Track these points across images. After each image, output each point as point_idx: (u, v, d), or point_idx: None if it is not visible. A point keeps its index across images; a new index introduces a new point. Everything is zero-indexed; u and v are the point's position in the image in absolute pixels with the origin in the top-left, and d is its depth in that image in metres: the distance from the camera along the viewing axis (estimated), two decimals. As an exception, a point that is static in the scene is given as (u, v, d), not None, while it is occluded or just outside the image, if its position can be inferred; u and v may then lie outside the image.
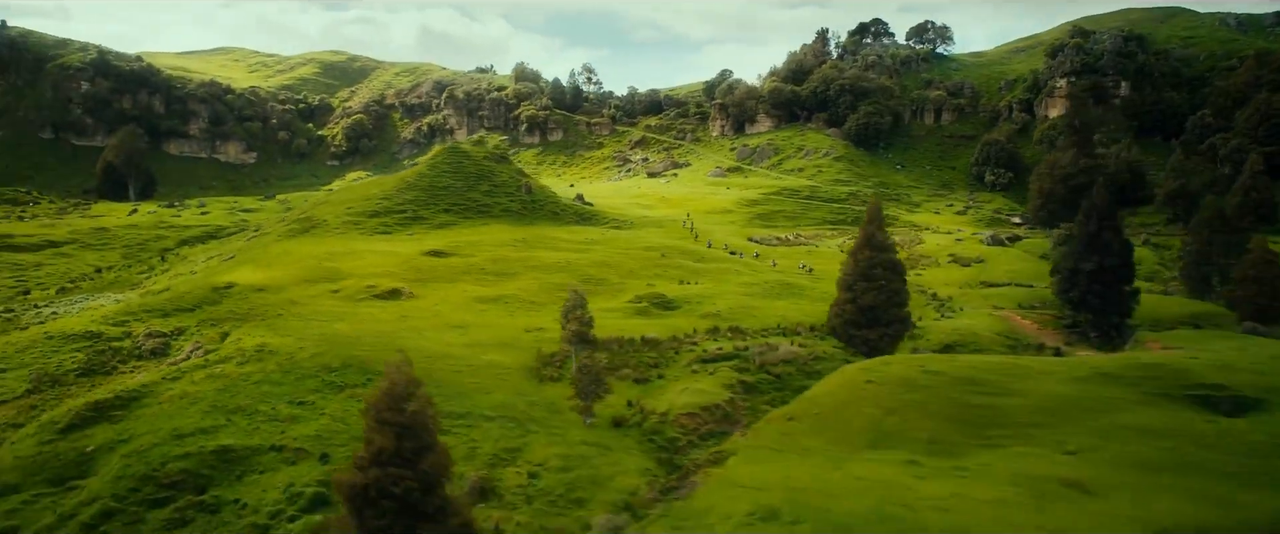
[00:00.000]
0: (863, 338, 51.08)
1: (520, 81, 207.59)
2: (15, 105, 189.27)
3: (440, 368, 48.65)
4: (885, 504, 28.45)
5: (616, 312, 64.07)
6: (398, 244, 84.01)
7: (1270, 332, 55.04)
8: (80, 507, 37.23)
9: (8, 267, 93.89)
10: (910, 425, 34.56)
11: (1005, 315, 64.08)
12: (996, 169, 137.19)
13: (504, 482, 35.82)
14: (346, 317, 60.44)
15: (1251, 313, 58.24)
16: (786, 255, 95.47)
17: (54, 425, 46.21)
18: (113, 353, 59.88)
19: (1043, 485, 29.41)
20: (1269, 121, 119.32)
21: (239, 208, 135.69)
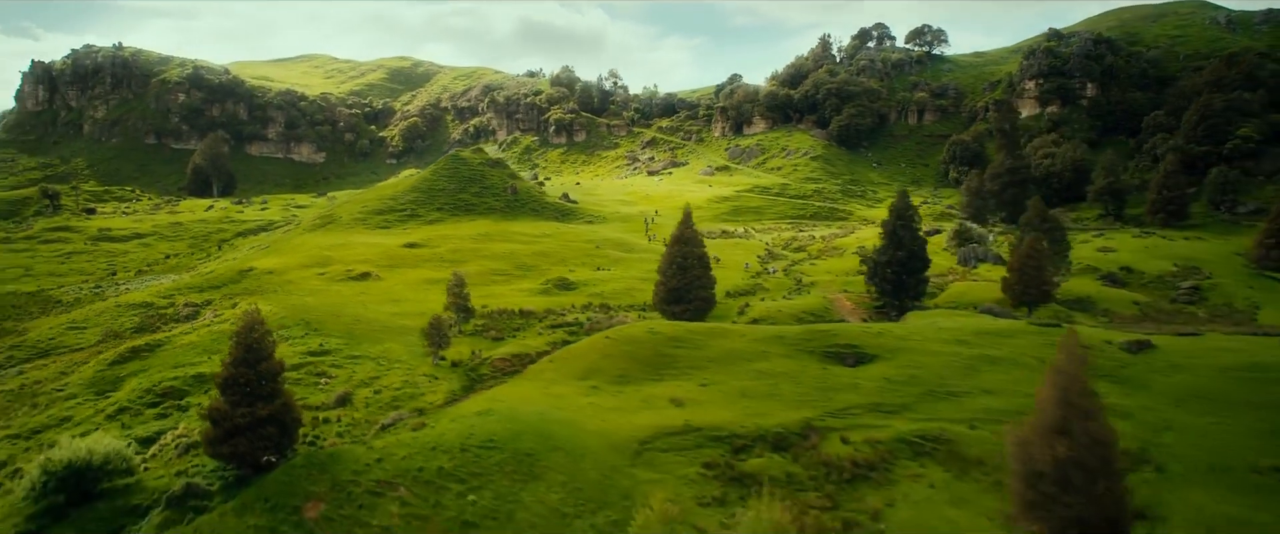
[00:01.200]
0: (671, 311, 67.60)
1: (555, 86, 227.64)
2: (126, 116, 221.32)
3: (360, 327, 68.06)
4: (553, 408, 45.80)
5: (526, 291, 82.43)
6: (387, 237, 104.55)
7: (1012, 313, 68.63)
8: (108, 405, 58.12)
9: (104, 253, 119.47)
10: (611, 366, 51.57)
11: (834, 297, 79.03)
12: (960, 167, 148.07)
13: (358, 396, 54.69)
14: (319, 292, 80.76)
15: (1016, 298, 71.71)
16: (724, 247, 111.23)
17: (106, 361, 67.87)
18: (159, 317, 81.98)
19: (655, 400, 46.22)
20: (1207, 122, 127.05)
21: (293, 204, 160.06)
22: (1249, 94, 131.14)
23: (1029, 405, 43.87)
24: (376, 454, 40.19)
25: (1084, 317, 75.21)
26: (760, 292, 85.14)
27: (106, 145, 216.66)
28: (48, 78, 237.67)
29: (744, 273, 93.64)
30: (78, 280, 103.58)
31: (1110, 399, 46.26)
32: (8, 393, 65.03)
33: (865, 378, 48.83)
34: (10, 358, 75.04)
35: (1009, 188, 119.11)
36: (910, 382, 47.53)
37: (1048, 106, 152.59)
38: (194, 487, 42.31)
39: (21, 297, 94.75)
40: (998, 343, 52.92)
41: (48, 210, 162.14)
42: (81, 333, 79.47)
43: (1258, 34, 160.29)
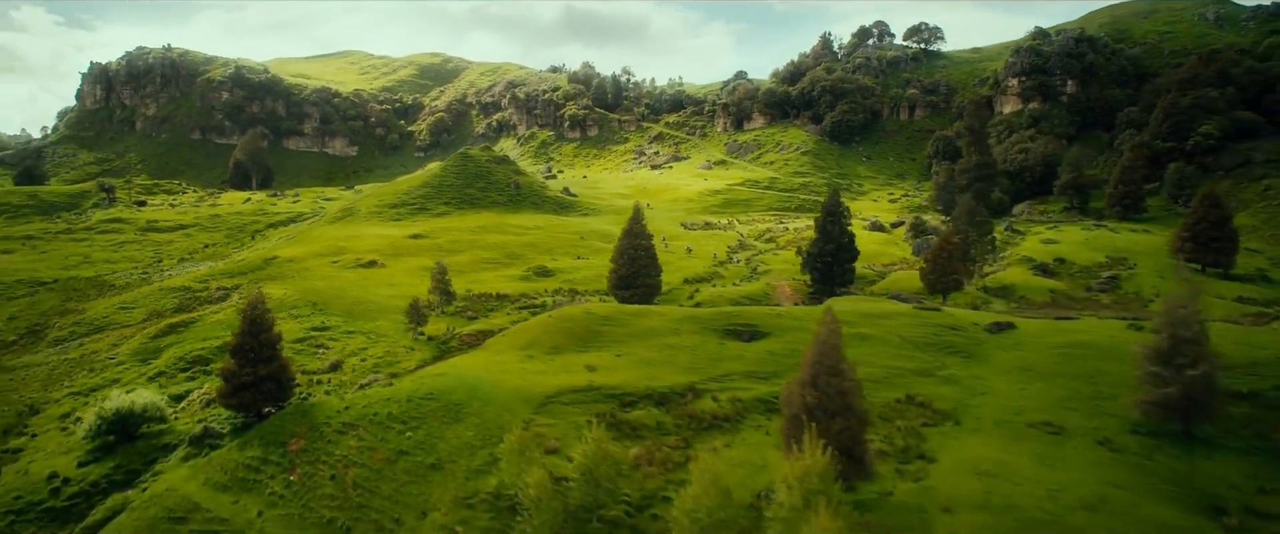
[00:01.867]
0: (622, 295, 78.18)
1: (572, 83, 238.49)
2: (175, 113, 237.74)
3: (359, 307, 79.94)
4: (491, 371, 56.78)
5: (508, 277, 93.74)
6: (396, 228, 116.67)
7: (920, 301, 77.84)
8: (149, 370, 70.65)
9: (151, 243, 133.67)
10: (549, 339, 62.41)
11: (777, 283, 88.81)
12: (941, 161, 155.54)
13: (348, 363, 66.43)
14: (329, 278, 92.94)
15: (930, 286, 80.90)
16: (701, 238, 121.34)
17: (148, 335, 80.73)
18: (195, 298, 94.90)
19: (573, 366, 56.96)
20: (1171, 118, 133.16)
21: (323, 197, 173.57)
22: (1217, 92, 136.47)
23: (874, 373, 53.99)
24: (346, 404, 51.72)
25: (1000, 302, 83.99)
26: (717, 279, 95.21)
27: (156, 141, 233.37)
28: (105, 78, 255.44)
29: (711, 262, 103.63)
30: (128, 267, 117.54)
31: (949, 370, 56.06)
32: (70, 360, 78.26)
33: (752, 351, 59.02)
34: (72, 332, 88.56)
35: (975, 182, 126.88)
36: (788, 354, 57.52)
37: (1030, 103, 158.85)
38: (210, 429, 54.42)
39: (82, 281, 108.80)
40: (874, 323, 62.58)
41: (104, 203, 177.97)
42: (130, 312, 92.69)
43: (1244, 30, 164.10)
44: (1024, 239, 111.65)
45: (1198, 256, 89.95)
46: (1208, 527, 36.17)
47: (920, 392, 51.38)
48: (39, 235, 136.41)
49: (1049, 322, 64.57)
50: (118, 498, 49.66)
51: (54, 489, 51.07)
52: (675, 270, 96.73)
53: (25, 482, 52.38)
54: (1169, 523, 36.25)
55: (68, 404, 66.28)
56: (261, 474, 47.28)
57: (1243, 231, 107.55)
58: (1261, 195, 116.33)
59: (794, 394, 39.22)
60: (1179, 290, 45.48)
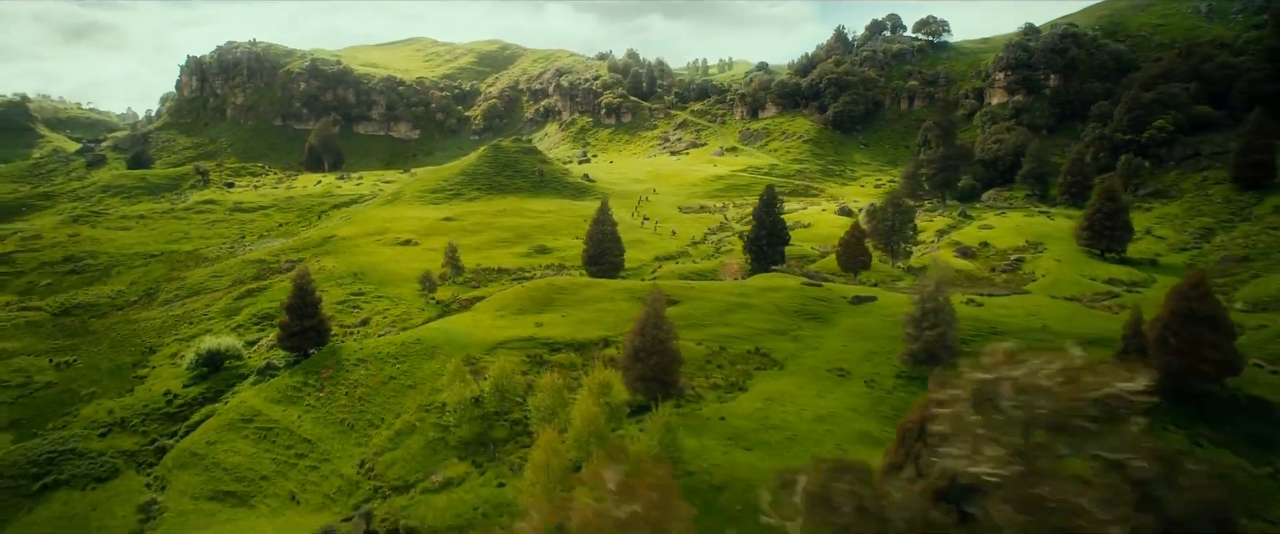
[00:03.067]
0: (591, 270, 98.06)
1: (611, 71, 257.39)
2: (258, 102, 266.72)
3: (390, 278, 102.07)
4: (467, 326, 77.80)
5: (514, 254, 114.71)
6: (433, 211, 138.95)
7: (830, 277, 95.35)
8: (232, 323, 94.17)
9: (237, 221, 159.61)
10: (517, 303, 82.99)
11: (727, 262, 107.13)
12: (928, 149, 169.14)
13: (373, 320, 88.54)
14: (372, 253, 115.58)
15: (843, 266, 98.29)
16: (691, 220, 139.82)
17: (232, 297, 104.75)
18: (268, 269, 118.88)
19: (525, 323, 77.43)
20: (1133, 113, 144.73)
21: (382, 180, 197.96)
22: (1181, 86, 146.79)
23: (739, 332, 72.80)
24: (361, 347, 73.58)
25: (909, 279, 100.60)
26: (683, 257, 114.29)
27: (243, 127, 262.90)
28: (199, 69, 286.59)
29: (686, 242, 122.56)
30: (219, 242, 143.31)
31: (800, 331, 74.34)
32: (175, 315, 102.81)
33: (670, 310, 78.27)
34: (176, 295, 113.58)
35: (941, 171, 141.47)
36: (685, 316, 76.63)
37: (1015, 95, 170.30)
38: (271, 364, 77.10)
39: (183, 254, 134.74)
40: (763, 295, 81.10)
41: (199, 184, 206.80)
42: (219, 280, 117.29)
43: (1232, 23, 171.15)
44: (971, 223, 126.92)
45: (1093, 242, 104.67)
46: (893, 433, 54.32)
47: (767, 346, 70.10)
48: (149, 215, 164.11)
49: (899, 295, 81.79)
50: (208, 408, 72.75)
51: (169, 400, 74.58)
52: (651, 249, 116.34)
53: (150, 396, 76.14)
54: (870, 432, 54.59)
55: (175, 346, 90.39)
56: (302, 392, 69.47)
57: (1166, 220, 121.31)
58: (1198, 186, 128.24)
59: (629, 339, 58.77)
60: (931, 274, 62.97)
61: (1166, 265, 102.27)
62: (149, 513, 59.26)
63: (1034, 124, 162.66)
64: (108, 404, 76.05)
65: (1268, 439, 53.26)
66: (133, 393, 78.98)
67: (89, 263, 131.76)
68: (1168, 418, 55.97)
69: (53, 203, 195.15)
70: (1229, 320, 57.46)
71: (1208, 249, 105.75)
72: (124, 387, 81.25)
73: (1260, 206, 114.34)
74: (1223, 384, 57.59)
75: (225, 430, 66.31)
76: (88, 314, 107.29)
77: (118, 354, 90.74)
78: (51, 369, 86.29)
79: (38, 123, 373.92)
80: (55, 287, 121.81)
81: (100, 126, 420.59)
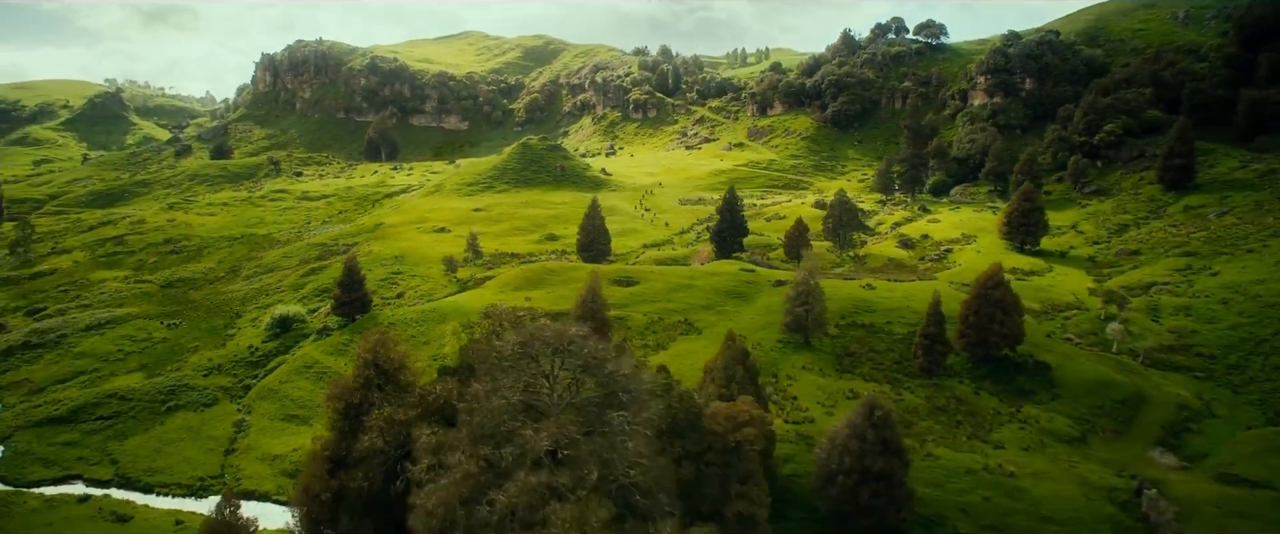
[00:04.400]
0: (583, 256, 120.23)
1: (640, 69, 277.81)
2: (323, 97, 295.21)
3: (423, 260, 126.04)
4: (474, 299, 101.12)
5: (528, 240, 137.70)
6: (466, 202, 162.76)
7: (775, 264, 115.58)
8: (298, 294, 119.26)
9: (304, 209, 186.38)
10: (515, 281, 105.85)
11: (699, 250, 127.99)
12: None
13: (407, 294, 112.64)
14: (411, 239, 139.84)
15: (788, 253, 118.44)
16: (686, 212, 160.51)
17: (299, 275, 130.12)
18: (329, 251, 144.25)
19: (518, 297, 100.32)
20: (1089, 116, 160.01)
21: (429, 170, 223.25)
22: (1139, 91, 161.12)
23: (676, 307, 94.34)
24: (394, 314, 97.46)
25: (848, 266, 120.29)
26: (667, 245, 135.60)
27: (311, 119, 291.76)
28: (272, 66, 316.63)
29: (673, 231, 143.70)
30: (289, 226, 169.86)
31: (725, 307, 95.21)
32: (254, 288, 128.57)
33: (621, 291, 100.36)
34: (255, 272, 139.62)
35: (910, 169, 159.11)
36: (638, 293, 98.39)
37: (994, 97, 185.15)
38: (327, 326, 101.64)
39: (259, 237, 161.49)
40: (705, 279, 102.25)
41: (272, 173, 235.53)
42: (288, 259, 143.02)
43: (1206, 29, 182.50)
44: (925, 216, 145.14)
45: (1012, 236, 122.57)
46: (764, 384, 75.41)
47: (694, 318, 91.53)
48: (230, 202, 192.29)
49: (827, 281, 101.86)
50: (280, 358, 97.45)
51: (251, 352, 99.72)
52: (642, 238, 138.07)
53: (237, 349, 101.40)
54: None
55: (255, 313, 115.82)
56: (349, 346, 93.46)
57: (1095, 215, 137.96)
58: (1133, 185, 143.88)
59: (574, 309, 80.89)
60: (804, 265, 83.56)
61: (1074, 257, 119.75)
62: (240, 427, 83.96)
63: (1009, 124, 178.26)
64: (208, 354, 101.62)
65: (1027, 390, 72.86)
66: (225, 347, 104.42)
67: (184, 244, 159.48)
68: (968, 373, 76.01)
69: (150, 190, 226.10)
70: (1018, 304, 76.70)
71: (1114, 243, 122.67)
72: (218, 342, 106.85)
73: (1174, 206, 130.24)
74: (1015, 350, 77.08)
75: (292, 373, 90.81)
76: (187, 287, 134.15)
77: (212, 318, 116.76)
78: (164, 328, 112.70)
79: (130, 111, 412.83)
80: (160, 264, 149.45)
81: (183, 113, 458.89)
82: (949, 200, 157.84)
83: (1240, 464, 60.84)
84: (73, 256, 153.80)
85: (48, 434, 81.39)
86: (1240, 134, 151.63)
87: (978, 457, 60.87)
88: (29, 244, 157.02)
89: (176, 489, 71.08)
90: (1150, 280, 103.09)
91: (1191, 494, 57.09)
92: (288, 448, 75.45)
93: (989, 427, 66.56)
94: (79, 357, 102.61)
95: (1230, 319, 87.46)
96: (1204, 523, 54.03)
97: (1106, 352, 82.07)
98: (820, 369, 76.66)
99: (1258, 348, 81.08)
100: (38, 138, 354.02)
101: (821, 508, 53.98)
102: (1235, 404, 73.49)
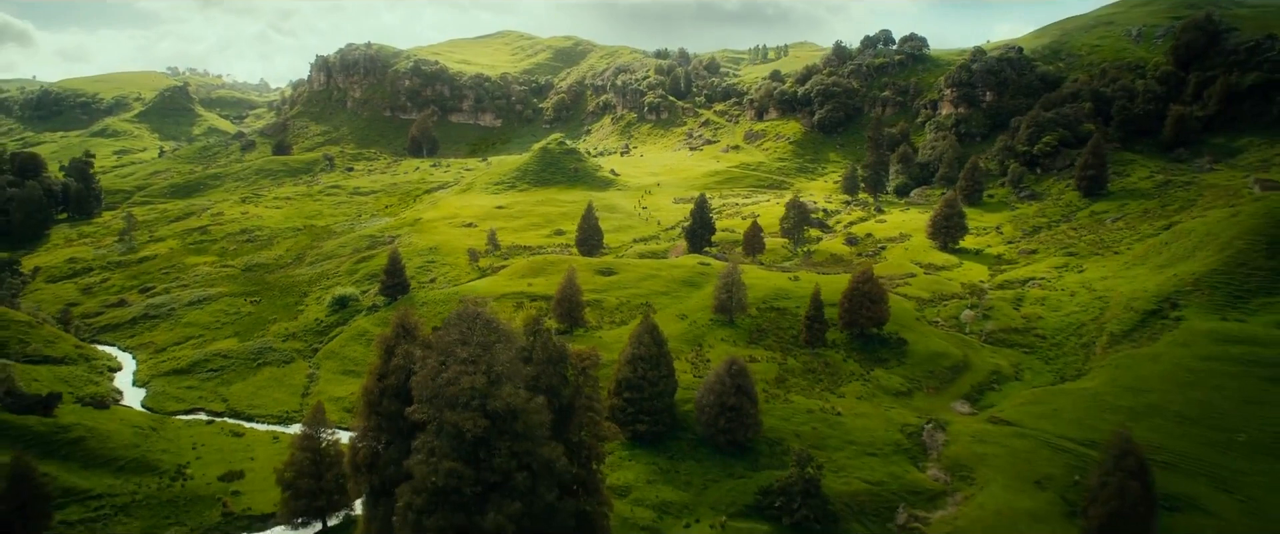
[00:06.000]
0: (581, 250, 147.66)
1: (656, 73, 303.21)
2: (371, 96, 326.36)
3: (453, 251, 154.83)
4: (489, 284, 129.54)
5: (540, 234, 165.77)
6: (492, 199, 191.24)
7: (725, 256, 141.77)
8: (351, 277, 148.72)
9: (355, 203, 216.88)
10: (521, 270, 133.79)
11: (676, 245, 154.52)
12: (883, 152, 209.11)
13: (438, 280, 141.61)
14: (443, 232, 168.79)
15: (745, 250, 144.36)
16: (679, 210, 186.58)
17: (351, 262, 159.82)
18: (375, 241, 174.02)
19: (520, 283, 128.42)
20: (1031, 128, 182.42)
21: (464, 167, 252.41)
22: (1079, 106, 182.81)
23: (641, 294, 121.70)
24: (426, 296, 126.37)
25: (796, 260, 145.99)
26: (654, 240, 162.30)
27: (360, 117, 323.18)
28: (325, 67, 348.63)
29: (662, 228, 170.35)
30: (342, 219, 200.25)
31: (679, 293, 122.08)
32: (316, 272, 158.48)
33: (602, 280, 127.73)
34: (316, 259, 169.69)
35: (873, 174, 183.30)
36: (615, 281, 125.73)
37: (959, 108, 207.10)
38: (376, 304, 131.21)
39: (319, 228, 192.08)
40: (669, 270, 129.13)
41: (327, 168, 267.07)
42: (344, 248, 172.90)
43: (1154, 47, 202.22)
44: (876, 216, 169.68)
45: (936, 236, 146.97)
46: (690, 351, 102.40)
47: (655, 301, 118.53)
48: (293, 196, 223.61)
49: (766, 272, 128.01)
50: (339, 329, 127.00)
51: (318, 323, 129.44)
52: (633, 234, 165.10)
53: (306, 321, 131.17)
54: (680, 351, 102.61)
55: (318, 292, 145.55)
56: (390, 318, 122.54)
57: (1018, 219, 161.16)
58: (1059, 192, 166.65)
59: (557, 294, 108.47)
60: (730, 259, 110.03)
61: (985, 255, 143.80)
62: (311, 379, 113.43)
63: (970, 133, 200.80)
64: (284, 325, 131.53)
65: (883, 359, 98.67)
66: (296, 319, 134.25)
67: (257, 234, 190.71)
68: (844, 346, 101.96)
69: (221, 183, 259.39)
70: (884, 295, 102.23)
71: (1021, 243, 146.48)
72: (291, 316, 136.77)
73: (1083, 212, 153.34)
74: (881, 329, 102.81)
75: (349, 340, 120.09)
76: (262, 271, 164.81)
77: (285, 297, 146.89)
78: (248, 304, 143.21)
79: (195, 103, 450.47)
80: (238, 251, 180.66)
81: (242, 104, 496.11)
82: (907, 201, 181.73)
83: (1007, 411, 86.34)
84: (168, 244, 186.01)
85: (174, 381, 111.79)
86: (1164, 146, 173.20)
87: (820, 402, 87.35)
88: (133, 234, 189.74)
89: (269, 418, 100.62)
90: (1031, 276, 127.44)
91: (962, 430, 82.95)
92: (346, 392, 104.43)
93: (841, 383, 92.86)
94: (187, 326, 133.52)
95: (1069, 308, 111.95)
96: (959, 445, 79.97)
97: (959, 332, 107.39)
98: (734, 341, 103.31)
99: (1077, 330, 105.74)
100: (116, 129, 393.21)
101: (698, 431, 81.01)
102: (1041, 371, 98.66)
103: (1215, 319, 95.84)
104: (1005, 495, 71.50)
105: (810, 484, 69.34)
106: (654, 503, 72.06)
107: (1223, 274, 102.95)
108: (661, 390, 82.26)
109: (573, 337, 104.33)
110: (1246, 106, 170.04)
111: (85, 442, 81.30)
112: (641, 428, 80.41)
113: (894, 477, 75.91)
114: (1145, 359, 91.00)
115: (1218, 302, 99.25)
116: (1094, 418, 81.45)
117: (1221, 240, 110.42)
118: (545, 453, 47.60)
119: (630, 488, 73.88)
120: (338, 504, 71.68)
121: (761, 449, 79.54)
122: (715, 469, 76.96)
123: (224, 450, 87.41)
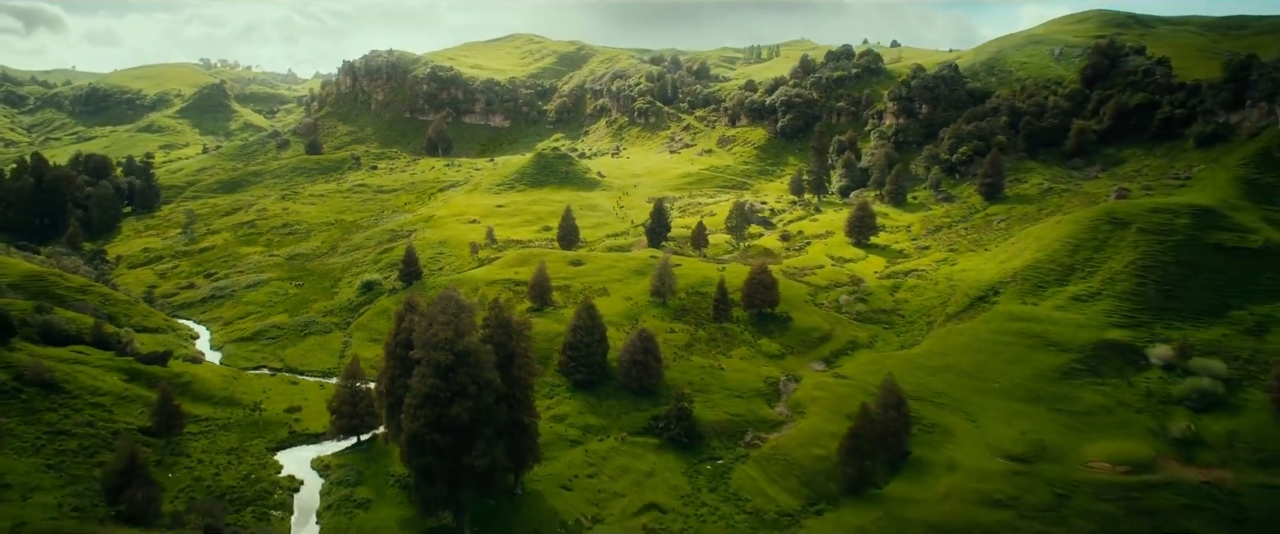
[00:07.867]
0: (560, 244, 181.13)
1: (646, 80, 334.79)
2: (393, 99, 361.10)
3: (458, 244, 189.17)
4: (486, 273, 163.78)
5: (530, 230, 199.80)
6: (493, 199, 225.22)
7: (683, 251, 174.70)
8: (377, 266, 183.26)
9: (378, 200, 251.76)
10: (512, 261, 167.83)
11: (637, 241, 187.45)
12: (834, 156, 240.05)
13: (445, 268, 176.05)
14: (451, 228, 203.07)
15: (693, 245, 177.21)
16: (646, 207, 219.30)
17: (376, 253, 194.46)
18: (395, 235, 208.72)
19: (509, 272, 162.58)
20: (951, 139, 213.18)
21: (474, 167, 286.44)
22: (1000, 118, 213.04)
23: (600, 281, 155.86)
24: (435, 282, 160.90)
25: (735, 253, 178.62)
26: (624, 236, 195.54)
27: (383, 119, 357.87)
28: (351, 71, 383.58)
29: (633, 225, 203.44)
30: (368, 215, 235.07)
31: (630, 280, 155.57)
32: (346, 261, 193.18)
33: (573, 269, 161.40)
34: (346, 250, 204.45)
35: (815, 178, 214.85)
36: (586, 270, 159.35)
37: (899, 119, 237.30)
38: (395, 287, 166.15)
39: (347, 223, 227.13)
40: (624, 261, 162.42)
41: (354, 167, 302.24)
42: (369, 241, 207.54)
43: (1072, 65, 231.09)
44: (810, 216, 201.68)
45: (851, 234, 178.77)
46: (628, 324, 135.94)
47: (610, 287, 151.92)
48: (325, 194, 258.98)
49: (701, 263, 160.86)
50: (367, 307, 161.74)
51: (350, 303, 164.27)
52: (607, 230, 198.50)
53: (340, 301, 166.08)
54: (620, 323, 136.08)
55: (350, 278, 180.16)
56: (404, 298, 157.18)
57: (928, 219, 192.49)
58: (966, 197, 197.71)
59: (531, 280, 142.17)
60: (662, 258, 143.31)
61: (888, 250, 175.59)
62: (346, 345, 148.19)
63: (907, 142, 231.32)
64: (323, 304, 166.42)
65: (770, 331, 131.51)
66: (333, 299, 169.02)
67: (296, 227, 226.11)
68: (746, 322, 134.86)
69: (261, 179, 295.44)
70: (776, 283, 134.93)
71: (923, 241, 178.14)
72: (329, 297, 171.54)
73: (979, 215, 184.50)
74: (773, 309, 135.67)
75: (375, 316, 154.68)
76: (303, 260, 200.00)
77: (322, 282, 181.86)
78: (293, 287, 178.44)
79: (231, 99, 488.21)
80: (281, 242, 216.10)
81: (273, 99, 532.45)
82: (844, 202, 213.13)
83: (847, 369, 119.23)
84: (222, 236, 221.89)
85: (242, 346, 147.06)
86: (1065, 155, 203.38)
87: (711, 361, 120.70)
88: (193, 227, 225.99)
89: (316, 373, 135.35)
90: (915, 267, 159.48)
91: (810, 381, 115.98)
92: (372, 354, 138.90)
93: (734, 348, 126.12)
94: (247, 304, 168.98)
95: (930, 294, 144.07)
96: (802, 391, 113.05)
97: (834, 311, 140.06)
98: (662, 317, 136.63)
99: (928, 312, 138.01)
100: (160, 125, 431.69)
101: (618, 379, 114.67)
102: (890, 342, 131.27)
103: (1017, 303, 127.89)
104: (821, 423, 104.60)
105: (683, 413, 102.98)
106: (581, 425, 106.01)
107: (1034, 268, 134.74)
108: (595, 351, 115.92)
109: (543, 313, 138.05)
110: (1133, 122, 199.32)
111: (192, 384, 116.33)
112: (580, 377, 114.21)
113: (751, 411, 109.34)
114: (957, 332, 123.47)
115: (1025, 290, 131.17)
116: (904, 373, 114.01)
117: (1044, 241, 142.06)
118: (487, 375, 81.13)
119: (567, 416, 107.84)
120: (368, 425, 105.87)
121: (663, 392, 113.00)
122: (628, 405, 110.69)
123: (286, 393, 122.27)
